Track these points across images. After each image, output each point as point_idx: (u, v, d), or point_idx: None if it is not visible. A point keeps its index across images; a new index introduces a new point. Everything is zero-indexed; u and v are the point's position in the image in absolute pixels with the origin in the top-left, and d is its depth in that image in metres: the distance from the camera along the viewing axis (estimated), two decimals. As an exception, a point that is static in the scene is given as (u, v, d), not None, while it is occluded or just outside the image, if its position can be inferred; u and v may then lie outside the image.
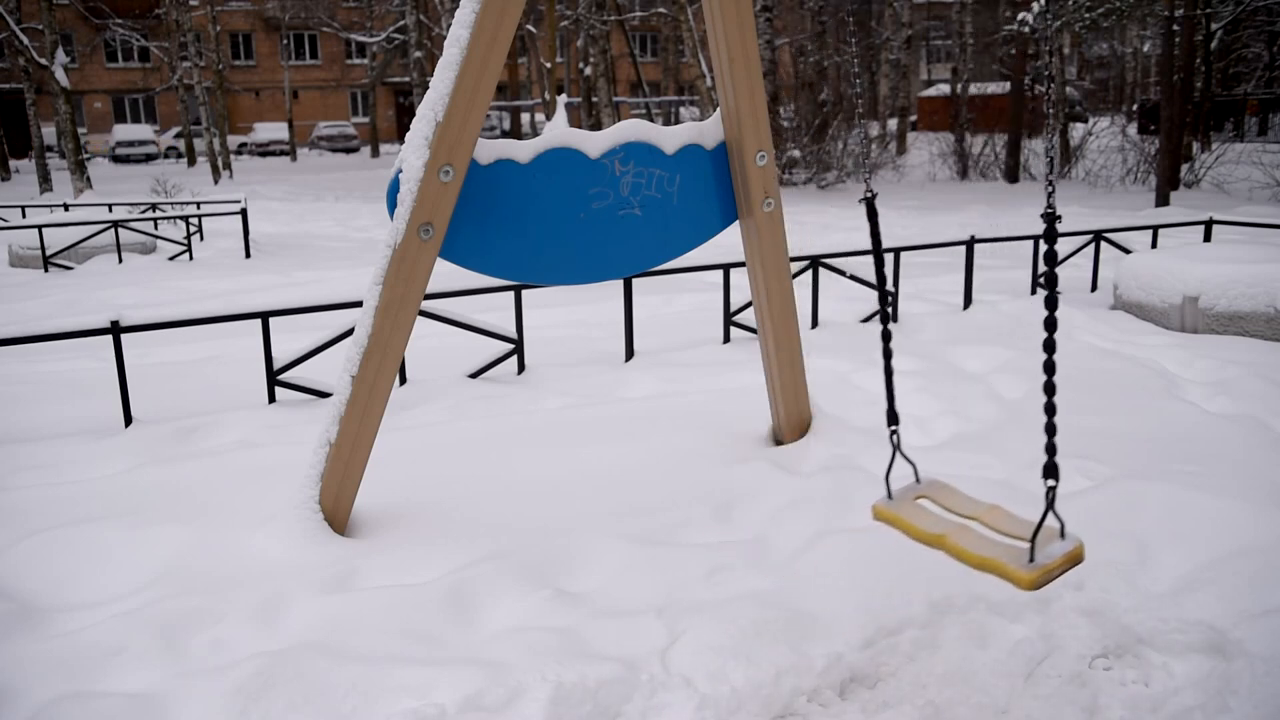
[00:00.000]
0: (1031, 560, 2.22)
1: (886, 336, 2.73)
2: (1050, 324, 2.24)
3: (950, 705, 2.60)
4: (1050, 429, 2.25)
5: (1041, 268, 7.55)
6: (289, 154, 38.98)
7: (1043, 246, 7.51)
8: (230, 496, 3.78)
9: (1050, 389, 2.25)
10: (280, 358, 5.18)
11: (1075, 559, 2.27)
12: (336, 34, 40.09)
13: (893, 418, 2.69)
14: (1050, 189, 2.23)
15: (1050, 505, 2.23)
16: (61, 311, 8.20)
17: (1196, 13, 17.65)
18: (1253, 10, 22.33)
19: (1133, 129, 22.29)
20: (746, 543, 3.36)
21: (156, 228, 12.71)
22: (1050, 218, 2.22)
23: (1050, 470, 2.23)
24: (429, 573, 3.19)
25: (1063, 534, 2.29)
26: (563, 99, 9.35)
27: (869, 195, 2.78)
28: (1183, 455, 3.99)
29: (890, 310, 6.78)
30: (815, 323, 6.64)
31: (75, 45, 40.45)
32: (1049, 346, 2.24)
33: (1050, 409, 2.25)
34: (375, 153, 38.40)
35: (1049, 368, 2.24)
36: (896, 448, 2.66)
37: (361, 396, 3.37)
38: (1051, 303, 2.24)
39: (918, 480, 2.67)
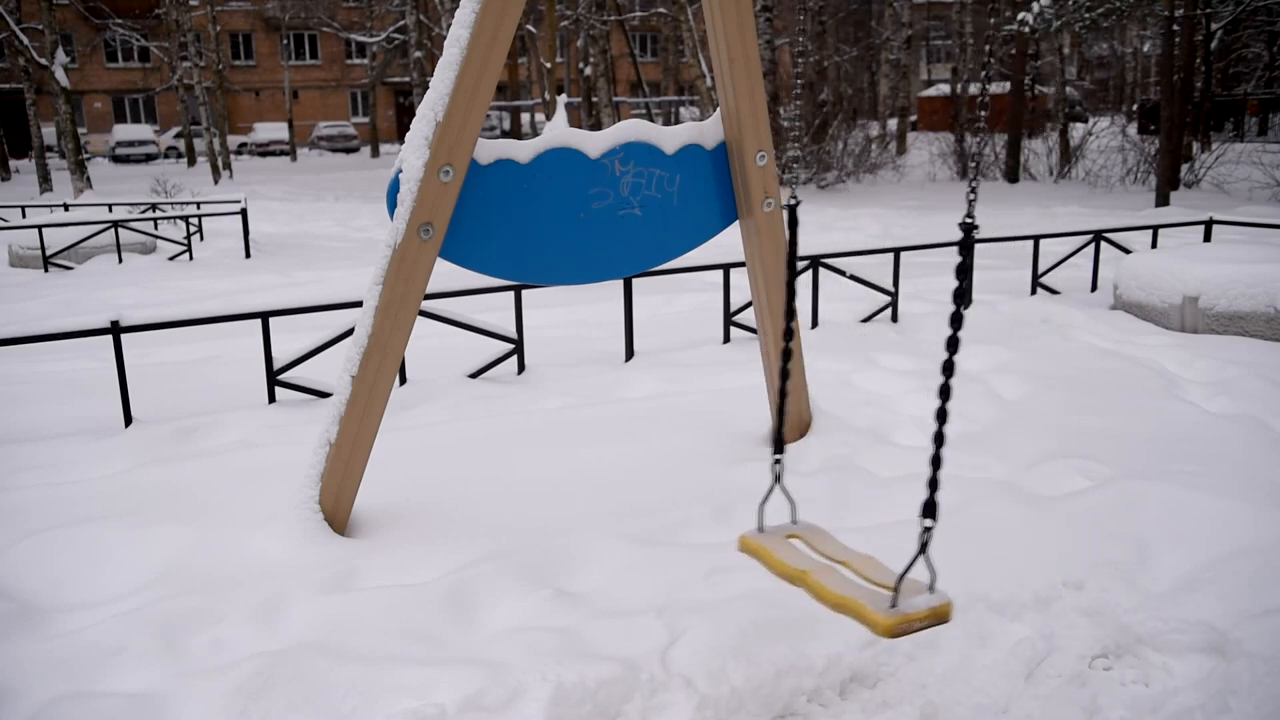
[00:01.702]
0: (894, 606, 2.08)
1: (786, 356, 2.56)
2: (952, 343, 2.06)
3: (950, 705, 2.60)
4: (935, 461, 2.07)
5: (1043, 265, 7.57)
6: (289, 154, 38.98)
7: (1035, 249, 7.49)
8: (230, 496, 3.78)
9: (942, 416, 2.07)
10: (280, 358, 5.18)
11: (940, 616, 2.10)
12: (336, 34, 40.09)
13: (778, 446, 2.56)
14: (972, 197, 2.05)
15: (923, 549, 2.07)
16: (61, 311, 8.19)
17: (1196, 13, 17.65)
18: (1253, 10, 22.34)
19: (1133, 129, 22.29)
20: (746, 543, 3.36)
21: (156, 228, 12.71)
22: (967, 227, 2.05)
23: (929, 509, 2.05)
24: (429, 573, 3.19)
25: (932, 587, 2.14)
26: (563, 99, 9.34)
27: (793, 201, 2.69)
28: (1183, 455, 3.99)
29: (791, 329, 6.79)
30: (815, 323, 6.64)
31: (75, 45, 40.44)
32: (947, 369, 2.06)
33: (939, 438, 2.08)
34: (375, 153, 38.40)
35: (944, 392, 2.07)
36: (778, 479, 2.53)
37: (361, 396, 3.37)
38: (956, 320, 2.05)
39: (794, 520, 2.57)
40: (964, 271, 2.06)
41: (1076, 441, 4.18)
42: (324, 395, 5.22)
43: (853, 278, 6.66)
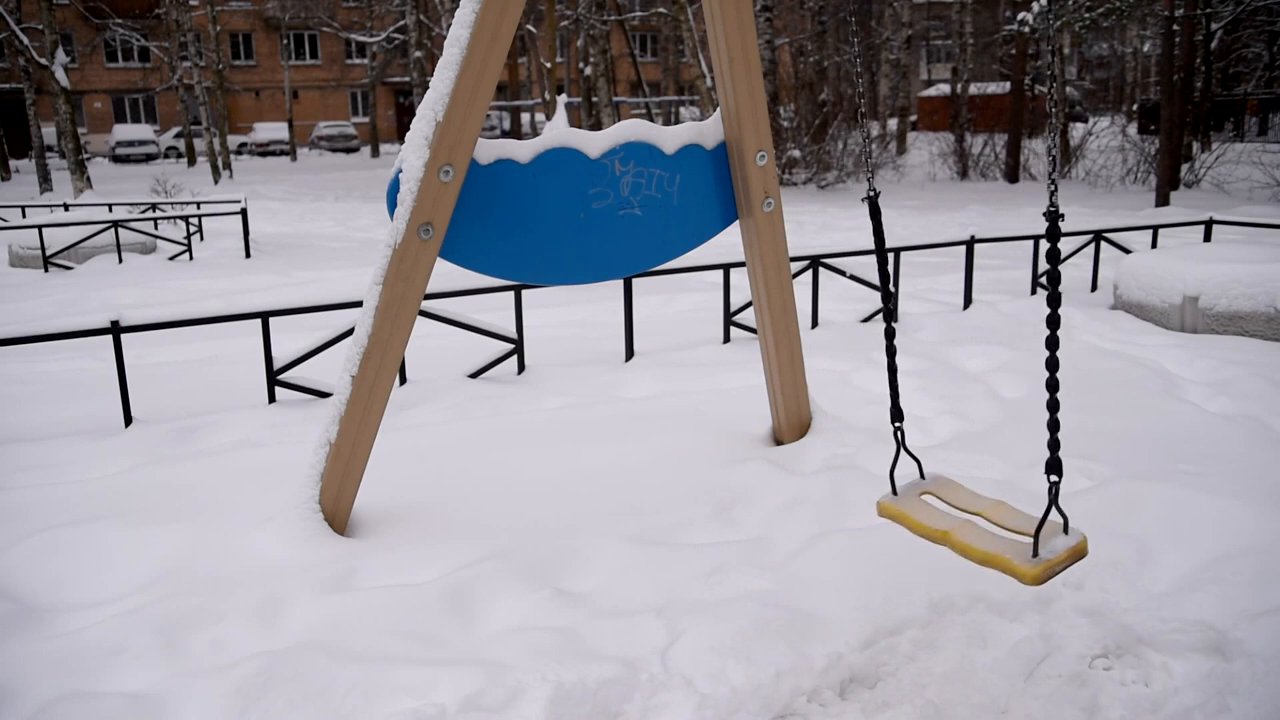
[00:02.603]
0: (1035, 555, 2.24)
1: (890, 334, 2.74)
2: (1053, 321, 2.26)
3: (950, 705, 2.60)
4: (1053, 425, 2.26)
5: (1042, 266, 7.58)
6: (289, 154, 38.98)
7: (1044, 245, 7.53)
8: (230, 496, 3.78)
9: (1053, 385, 2.26)
10: (280, 358, 5.18)
11: (1079, 554, 2.28)
12: (336, 34, 40.09)
13: (897, 414, 2.69)
14: (1053, 187, 2.25)
15: (1054, 500, 2.24)
16: (61, 311, 8.20)
17: (1196, 13, 17.64)
18: (1253, 10, 22.32)
19: (1133, 129, 22.31)
20: (746, 543, 3.36)
21: (156, 228, 12.71)
22: (1053, 215, 2.23)
23: (1053, 465, 2.24)
24: (429, 573, 3.19)
25: (1066, 529, 2.31)
26: (563, 99, 9.35)
27: (872, 194, 2.79)
28: (1183, 455, 3.99)
29: (891, 310, 6.79)
30: (815, 323, 6.64)
31: (75, 45, 40.45)
32: (1052, 344, 2.25)
33: (1053, 405, 2.26)
34: (375, 153, 38.40)
35: (1052, 364, 2.26)
36: (901, 444, 2.67)
37: (361, 396, 3.37)
38: (1054, 300, 2.25)
39: (922, 476, 2.69)
40: (1054, 256, 2.26)
41: (1076, 441, 4.18)
42: (324, 395, 5.22)
43: (853, 278, 6.66)
